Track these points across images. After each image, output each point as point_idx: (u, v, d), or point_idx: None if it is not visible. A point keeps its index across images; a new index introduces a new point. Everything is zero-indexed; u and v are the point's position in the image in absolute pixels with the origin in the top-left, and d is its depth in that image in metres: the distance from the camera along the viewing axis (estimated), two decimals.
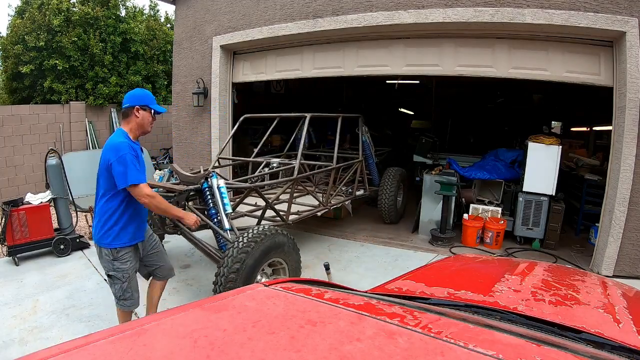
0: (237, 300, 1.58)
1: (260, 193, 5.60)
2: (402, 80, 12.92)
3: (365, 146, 8.44)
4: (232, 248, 4.21)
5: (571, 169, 9.19)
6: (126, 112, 3.63)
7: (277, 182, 6.68)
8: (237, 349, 1.13)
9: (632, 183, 5.86)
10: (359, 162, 8.00)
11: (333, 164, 7.21)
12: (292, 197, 6.40)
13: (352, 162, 8.00)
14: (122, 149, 3.41)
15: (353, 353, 1.09)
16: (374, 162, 8.96)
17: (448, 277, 2.70)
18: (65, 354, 1.13)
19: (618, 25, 5.69)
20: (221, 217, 4.87)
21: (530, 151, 7.31)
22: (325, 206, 7.02)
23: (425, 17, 6.58)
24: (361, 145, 8.23)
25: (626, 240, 6.05)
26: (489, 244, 7.47)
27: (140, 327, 1.31)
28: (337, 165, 7.24)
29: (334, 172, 7.21)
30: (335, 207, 7.65)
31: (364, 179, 8.33)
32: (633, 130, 5.73)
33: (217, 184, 4.97)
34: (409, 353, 1.11)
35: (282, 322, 1.35)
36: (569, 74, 6.32)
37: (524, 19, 6.02)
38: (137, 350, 1.15)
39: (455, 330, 1.31)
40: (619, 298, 2.23)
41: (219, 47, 8.73)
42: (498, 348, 1.14)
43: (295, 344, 1.17)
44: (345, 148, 9.90)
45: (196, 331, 1.26)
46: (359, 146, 8.24)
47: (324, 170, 7.73)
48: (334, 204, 7.38)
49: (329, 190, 7.25)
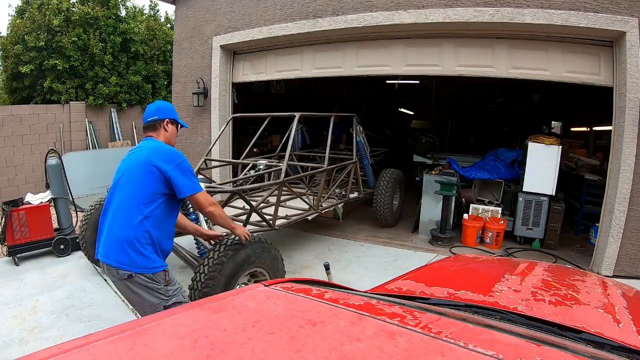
0: (237, 300, 1.58)
1: (243, 197, 5.29)
2: (402, 80, 12.90)
3: (359, 147, 8.05)
4: (208, 258, 3.95)
5: (571, 169, 9.17)
6: (154, 125, 3.36)
7: (262, 185, 6.40)
8: (237, 349, 1.13)
9: (632, 183, 5.85)
10: (352, 163, 7.60)
11: (324, 165, 6.89)
12: (279, 201, 6.04)
13: (344, 163, 7.66)
14: (180, 155, 3.20)
15: (353, 353, 1.09)
16: (369, 163, 8.60)
17: (448, 277, 2.70)
18: (65, 354, 1.12)
19: (618, 25, 5.69)
20: (200, 223, 4.62)
21: (530, 151, 7.30)
22: (316, 210, 6.72)
23: (425, 17, 6.57)
24: (355, 145, 7.90)
25: (626, 240, 6.04)
26: (489, 244, 7.46)
27: (140, 327, 1.30)
28: (327, 167, 6.89)
29: (324, 174, 6.89)
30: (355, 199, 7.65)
31: (358, 181, 7.96)
32: (633, 130, 5.72)
33: None
34: (409, 353, 1.10)
35: (282, 322, 1.34)
36: (569, 74, 6.32)
37: (524, 19, 6.02)
38: (137, 350, 1.14)
39: (455, 330, 1.31)
40: (619, 298, 2.23)
41: (219, 47, 8.72)
42: (498, 348, 1.14)
43: (295, 344, 1.17)
44: (341, 149, 9.79)
45: (196, 331, 1.26)
46: (353, 147, 7.93)
47: (313, 172, 7.41)
48: (325, 208, 7.07)
49: (319, 193, 6.87)
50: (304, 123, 9.82)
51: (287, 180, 6.12)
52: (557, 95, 11.67)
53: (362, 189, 8.07)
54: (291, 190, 6.89)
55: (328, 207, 7.19)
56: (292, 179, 6.95)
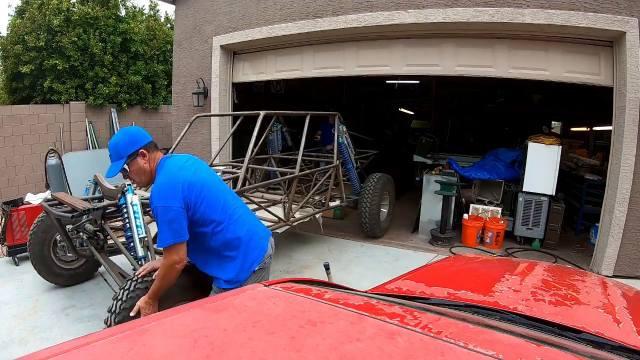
0: (237, 300, 1.56)
1: None
2: (402, 81, 12.89)
3: (342, 148, 7.34)
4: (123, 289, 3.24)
5: (571, 169, 9.17)
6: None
7: None
8: (237, 349, 1.12)
9: (632, 183, 5.84)
10: (333, 167, 6.89)
11: (296, 170, 6.14)
12: None
13: (324, 168, 7.01)
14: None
15: (353, 353, 1.08)
16: (354, 167, 7.78)
17: (448, 277, 2.69)
18: (65, 354, 1.11)
19: (618, 25, 5.67)
20: (134, 241, 3.98)
21: (530, 151, 7.29)
22: (286, 222, 5.99)
23: (425, 17, 6.54)
24: (336, 147, 7.16)
25: (626, 240, 6.03)
26: (489, 244, 7.45)
27: (141, 327, 1.29)
28: (300, 173, 6.20)
29: (295, 181, 6.20)
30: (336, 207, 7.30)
31: (340, 187, 7.25)
32: (633, 130, 5.71)
33: (131, 200, 4.04)
34: (409, 353, 1.10)
35: (282, 322, 1.34)
36: (569, 74, 6.30)
37: (524, 19, 6.00)
38: (137, 350, 1.14)
39: (455, 330, 1.30)
40: (619, 298, 2.22)
41: (219, 47, 8.70)
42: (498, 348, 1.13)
43: (295, 344, 1.16)
44: (328, 150, 8.84)
45: (196, 331, 1.25)
46: (334, 149, 7.16)
47: (282, 179, 6.66)
48: (299, 219, 6.35)
49: (289, 203, 6.07)
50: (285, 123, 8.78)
51: (246, 190, 5.60)
52: (557, 95, 11.65)
53: (344, 195, 7.37)
54: (251, 200, 5.93)
55: (302, 217, 6.47)
56: (257, 186, 6.36)
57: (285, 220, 5.96)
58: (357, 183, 7.84)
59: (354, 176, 7.82)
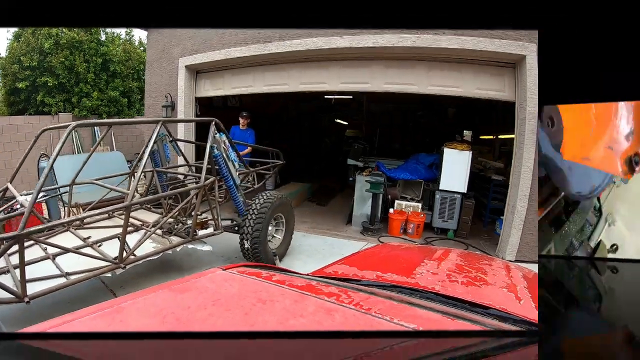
0: (199, 283, 1.55)
1: None
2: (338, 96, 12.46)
3: (218, 162, 4.74)
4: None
5: (480, 171, 8.99)
6: None
7: None
8: (199, 324, 1.11)
9: (531, 182, 5.62)
10: (200, 187, 4.24)
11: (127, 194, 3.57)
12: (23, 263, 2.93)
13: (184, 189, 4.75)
14: None
15: (297, 327, 1.09)
16: (236, 184, 5.06)
17: (377, 262, 2.61)
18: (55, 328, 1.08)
19: (520, 49, 5.44)
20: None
21: (446, 155, 7.03)
22: (118, 264, 3.46)
23: (357, 42, 6.14)
24: (208, 160, 4.48)
25: (526, 230, 5.84)
26: (411, 234, 7.07)
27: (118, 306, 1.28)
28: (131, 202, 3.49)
29: (128, 210, 3.51)
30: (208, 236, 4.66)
31: (215, 211, 4.62)
32: (532, 137, 5.47)
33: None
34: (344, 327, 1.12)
35: (237, 301, 1.35)
36: (479, 90, 6.01)
37: (440, 44, 5.70)
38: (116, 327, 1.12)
39: (382, 307, 1.32)
40: (520, 279, 2.19)
41: (184, 66, 7.96)
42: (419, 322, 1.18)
43: (248, 319, 1.16)
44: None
45: (165, 309, 1.25)
46: (204, 163, 4.45)
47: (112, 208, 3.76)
48: (139, 258, 3.70)
49: (122, 238, 3.46)
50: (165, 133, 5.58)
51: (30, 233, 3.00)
52: (467, 109, 11.40)
53: (219, 220, 4.69)
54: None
55: (145, 256, 3.76)
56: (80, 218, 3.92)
57: (118, 262, 3.48)
58: (241, 203, 5.14)
59: (235, 195, 5.09)
